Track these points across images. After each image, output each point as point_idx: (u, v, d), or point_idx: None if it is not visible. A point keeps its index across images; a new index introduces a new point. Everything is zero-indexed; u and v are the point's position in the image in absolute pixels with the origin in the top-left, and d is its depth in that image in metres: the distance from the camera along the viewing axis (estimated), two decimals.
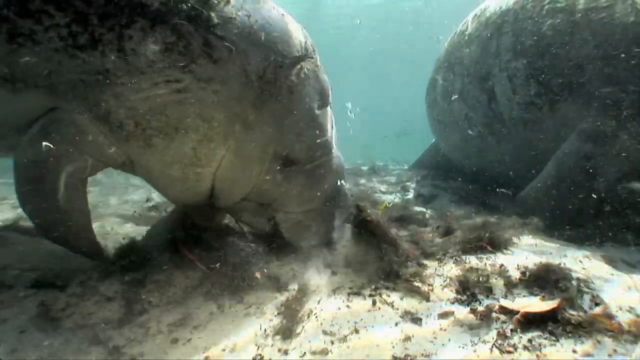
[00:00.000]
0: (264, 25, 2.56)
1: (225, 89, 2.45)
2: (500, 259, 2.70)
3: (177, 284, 2.47)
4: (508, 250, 2.87)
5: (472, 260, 2.65)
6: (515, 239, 3.08)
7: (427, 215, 4.42)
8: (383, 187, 7.26)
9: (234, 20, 2.45)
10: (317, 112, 2.79)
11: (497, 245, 2.86)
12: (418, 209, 5.14)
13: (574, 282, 2.25)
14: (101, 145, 2.49)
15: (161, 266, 2.58)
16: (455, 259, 2.69)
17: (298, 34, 2.77)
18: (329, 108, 2.96)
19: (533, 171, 5.06)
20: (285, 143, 2.69)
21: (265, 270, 2.61)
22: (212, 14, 2.39)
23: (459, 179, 7.44)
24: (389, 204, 3.54)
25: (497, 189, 6.02)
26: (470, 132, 5.82)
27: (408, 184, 7.33)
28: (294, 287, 2.51)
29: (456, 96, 6.01)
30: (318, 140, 2.78)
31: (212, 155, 2.59)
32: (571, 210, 4.17)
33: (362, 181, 7.87)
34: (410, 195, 6.57)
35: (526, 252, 2.88)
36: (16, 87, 2.37)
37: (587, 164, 4.06)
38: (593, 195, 4.03)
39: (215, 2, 2.43)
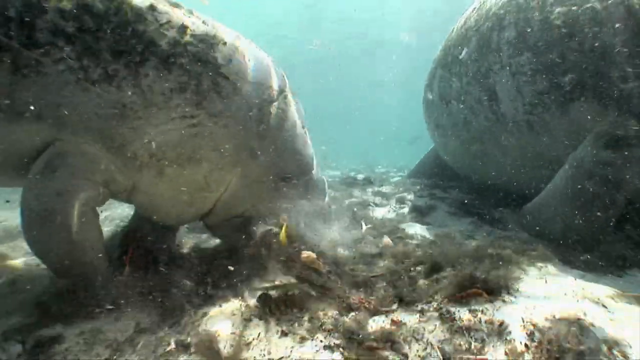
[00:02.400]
0: (255, 64, 2.94)
1: (233, 121, 2.73)
2: (500, 310, 2.06)
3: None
4: (510, 295, 2.23)
5: (464, 315, 2.01)
6: (519, 274, 2.45)
7: (415, 239, 3.76)
8: (377, 199, 6.65)
9: (233, 59, 2.77)
10: (303, 133, 3.25)
11: (495, 289, 2.22)
12: (411, 228, 4.50)
13: (603, 347, 1.63)
14: (112, 174, 2.57)
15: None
16: (441, 312, 2.05)
17: (278, 70, 3.18)
18: (306, 129, 3.39)
19: (541, 182, 4.45)
20: (282, 165, 3.04)
21: None
22: (217, 55, 2.69)
23: (458, 189, 6.86)
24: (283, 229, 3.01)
25: (498, 208, 5.44)
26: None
27: (405, 194, 6.70)
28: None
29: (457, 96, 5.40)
30: (305, 157, 3.24)
31: (221, 181, 2.84)
32: (586, 227, 3.54)
33: (356, 193, 7.24)
34: (407, 208, 5.94)
35: (533, 297, 2.24)
36: (16, 117, 2.33)
37: (605, 172, 3.44)
38: (612, 209, 3.40)
39: (216, 42, 2.72)
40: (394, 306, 2.13)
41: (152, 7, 2.56)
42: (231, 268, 2.66)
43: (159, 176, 2.64)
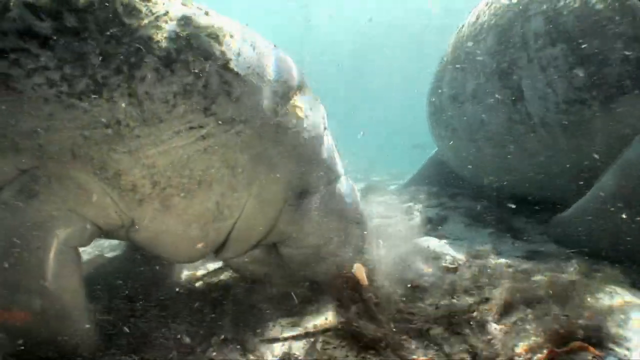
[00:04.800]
0: (267, 57, 2.43)
1: (247, 128, 2.25)
2: None
3: None
4: (620, 347, 1.69)
5: None
6: (618, 313, 1.91)
7: (446, 260, 3.24)
8: (381, 208, 6.15)
9: (242, 52, 2.28)
10: (323, 135, 2.68)
11: (599, 339, 1.67)
12: (428, 242, 4.01)
13: None
14: (106, 209, 2.09)
15: None
16: None
17: (292, 62, 2.63)
18: (328, 131, 2.84)
19: (570, 188, 4.02)
20: (303, 175, 2.51)
21: None
22: (224, 49, 2.20)
23: (467, 197, 6.44)
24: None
25: (514, 215, 5.02)
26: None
27: (411, 204, 6.23)
28: None
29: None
30: (328, 163, 2.67)
31: (235, 206, 2.32)
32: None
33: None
34: (416, 219, 5.47)
35: None
36: None
37: None
38: None
39: (222, 35, 2.23)
40: None
41: None
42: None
43: (164, 210, 2.15)
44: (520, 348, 1.70)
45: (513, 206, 4.86)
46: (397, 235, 3.97)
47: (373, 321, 1.82)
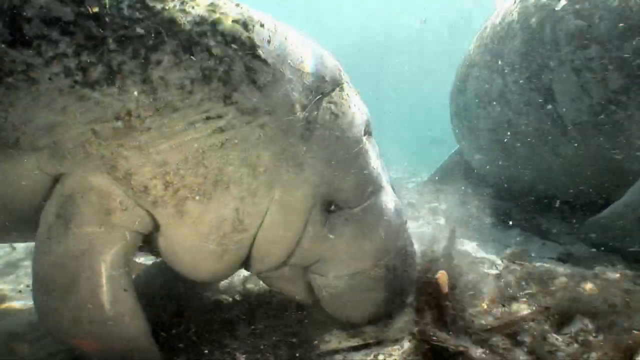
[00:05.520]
0: (300, 47, 2.19)
1: (272, 120, 1.98)
2: None
3: None
4: None
5: None
6: None
7: (485, 263, 3.25)
8: (406, 209, 6.15)
9: (273, 40, 2.07)
10: (363, 139, 2.27)
11: None
12: (462, 245, 4.02)
13: None
14: (131, 210, 1.92)
15: None
16: None
17: (330, 57, 2.35)
18: (372, 138, 2.46)
19: (601, 190, 4.02)
20: (334, 181, 2.14)
21: None
22: (253, 36, 2.00)
23: (492, 196, 6.42)
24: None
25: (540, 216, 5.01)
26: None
27: (435, 205, 6.22)
28: None
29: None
30: (366, 172, 2.23)
31: (256, 214, 2.03)
32: None
33: None
34: (442, 219, 5.47)
35: None
36: (7, 153, 1.81)
37: None
38: None
39: (251, 22, 2.03)
40: None
41: None
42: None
43: (179, 216, 1.95)
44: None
45: (540, 207, 4.85)
46: (430, 239, 3.99)
47: (444, 330, 1.84)
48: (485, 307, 2.27)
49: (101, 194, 1.86)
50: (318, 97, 2.13)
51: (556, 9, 3.93)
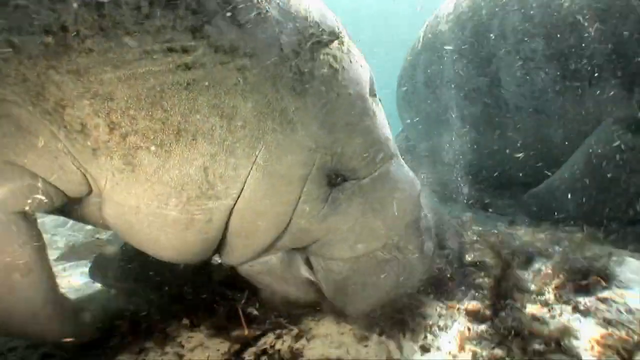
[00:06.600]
0: None
1: (254, 65, 1.60)
2: (623, 297, 1.99)
3: None
4: (619, 281, 2.17)
5: (598, 305, 1.90)
6: (614, 257, 2.40)
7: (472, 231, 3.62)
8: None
9: None
10: (369, 98, 1.91)
11: (606, 275, 2.15)
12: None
13: None
14: (60, 159, 1.55)
15: None
16: (572, 302, 1.93)
17: (330, 11, 1.98)
18: (378, 100, 2.06)
19: (543, 167, 4.55)
20: (334, 146, 1.78)
21: None
22: None
23: (436, 174, 6.90)
24: None
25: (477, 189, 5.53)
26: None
27: None
28: None
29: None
30: (374, 136, 1.88)
31: (232, 178, 1.65)
32: (604, 211, 3.66)
33: None
34: None
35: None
36: None
37: (625, 156, 3.55)
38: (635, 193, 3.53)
39: None
40: None
41: None
42: None
43: (129, 169, 1.57)
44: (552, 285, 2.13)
45: (487, 184, 5.34)
46: None
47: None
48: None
49: (19, 126, 1.49)
50: (314, 43, 1.77)
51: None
